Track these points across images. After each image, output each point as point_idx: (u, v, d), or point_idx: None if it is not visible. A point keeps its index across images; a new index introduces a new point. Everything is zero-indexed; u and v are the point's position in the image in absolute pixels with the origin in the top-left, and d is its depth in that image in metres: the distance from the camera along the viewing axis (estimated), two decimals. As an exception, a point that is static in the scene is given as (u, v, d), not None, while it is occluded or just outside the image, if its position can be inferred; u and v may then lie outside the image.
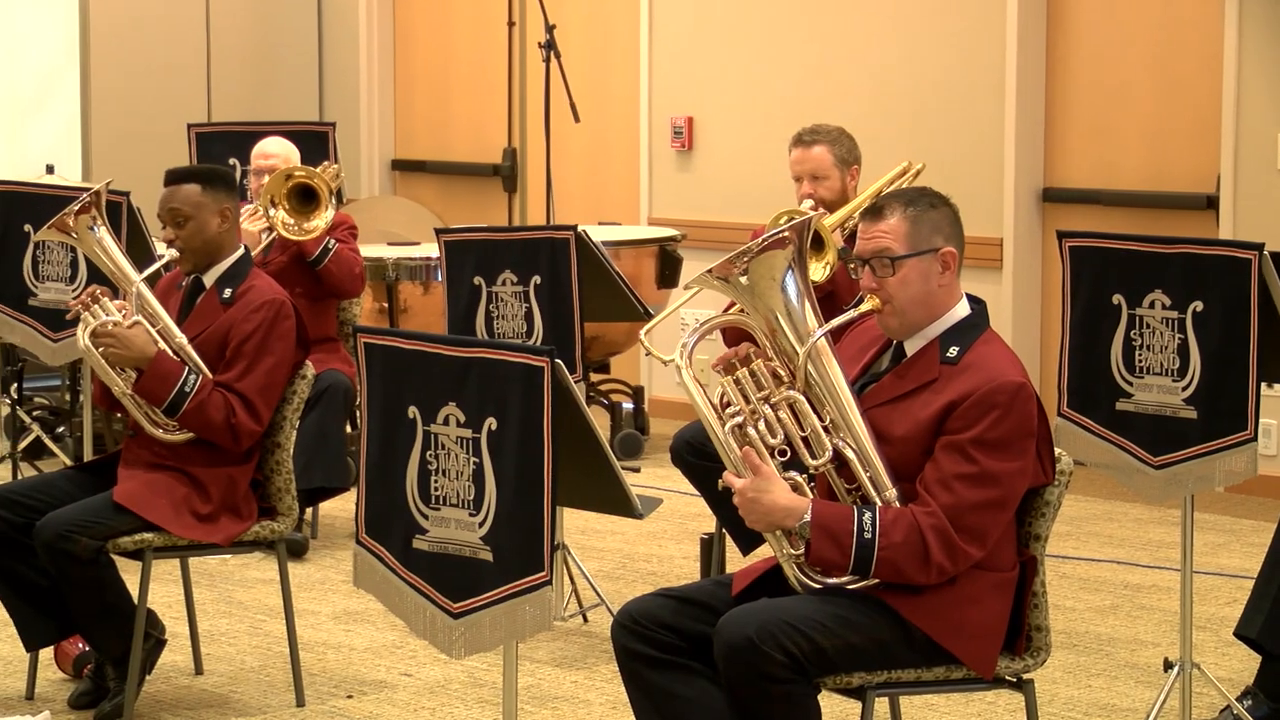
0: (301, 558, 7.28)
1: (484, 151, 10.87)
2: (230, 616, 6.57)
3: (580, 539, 7.45)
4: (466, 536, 4.12)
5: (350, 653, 6.21)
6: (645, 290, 8.59)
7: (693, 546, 7.13)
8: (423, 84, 11.32)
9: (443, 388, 4.14)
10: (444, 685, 5.89)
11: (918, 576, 4.16)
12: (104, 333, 5.52)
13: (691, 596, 4.34)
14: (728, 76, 9.77)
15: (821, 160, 6.37)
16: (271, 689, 5.86)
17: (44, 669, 5.81)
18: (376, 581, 4.34)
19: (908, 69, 9.10)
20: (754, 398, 4.27)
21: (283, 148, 7.71)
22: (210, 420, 5.48)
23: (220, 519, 5.53)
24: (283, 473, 5.65)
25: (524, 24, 9.87)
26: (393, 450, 4.24)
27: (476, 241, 6.54)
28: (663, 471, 8.19)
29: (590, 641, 6.28)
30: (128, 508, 5.42)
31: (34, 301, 7.20)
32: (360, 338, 4.33)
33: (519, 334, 6.35)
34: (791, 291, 4.28)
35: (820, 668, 4.15)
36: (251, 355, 5.55)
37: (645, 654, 4.26)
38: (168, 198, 5.65)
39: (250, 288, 5.65)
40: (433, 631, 4.23)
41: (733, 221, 9.29)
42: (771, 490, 4.19)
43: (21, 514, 5.44)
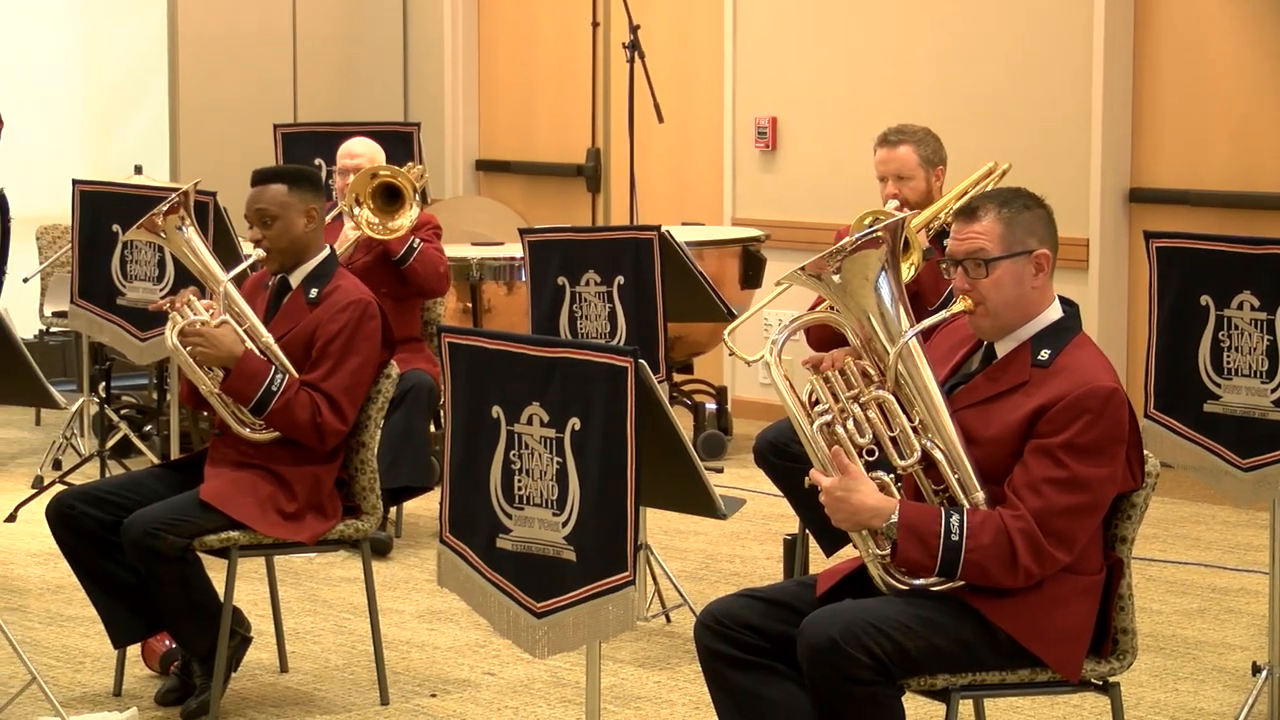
0: (386, 556, 7.30)
1: (568, 152, 10.88)
2: (315, 615, 6.60)
3: (663, 539, 7.45)
4: (550, 536, 4.13)
5: (434, 651, 6.23)
6: (728, 290, 8.58)
7: (776, 547, 7.12)
8: (507, 85, 11.34)
9: (526, 388, 4.15)
10: (527, 685, 5.90)
11: (1004, 579, 4.14)
12: (192, 332, 5.55)
13: (775, 597, 4.33)
14: (812, 76, 9.74)
15: (906, 160, 6.34)
16: (356, 687, 5.88)
17: (131, 666, 5.85)
18: (460, 580, 4.35)
19: (993, 68, 9.05)
20: (843, 396, 4.25)
21: (368, 148, 7.74)
22: (296, 419, 5.51)
23: (305, 517, 5.55)
24: (367, 472, 5.66)
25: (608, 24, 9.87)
26: (476, 450, 4.25)
27: (560, 242, 6.55)
28: (746, 472, 8.18)
29: (673, 642, 6.27)
30: (214, 506, 5.45)
31: (122, 301, 7.25)
32: (444, 338, 4.34)
33: (602, 334, 6.35)
34: (884, 291, 4.26)
35: (904, 669, 4.13)
36: (337, 355, 5.57)
37: (728, 654, 4.26)
38: (254, 198, 5.68)
39: (336, 287, 5.67)
40: (516, 631, 4.24)
41: (816, 222, 9.27)
42: (859, 490, 4.18)
43: (110, 512, 5.48)
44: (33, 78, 10.45)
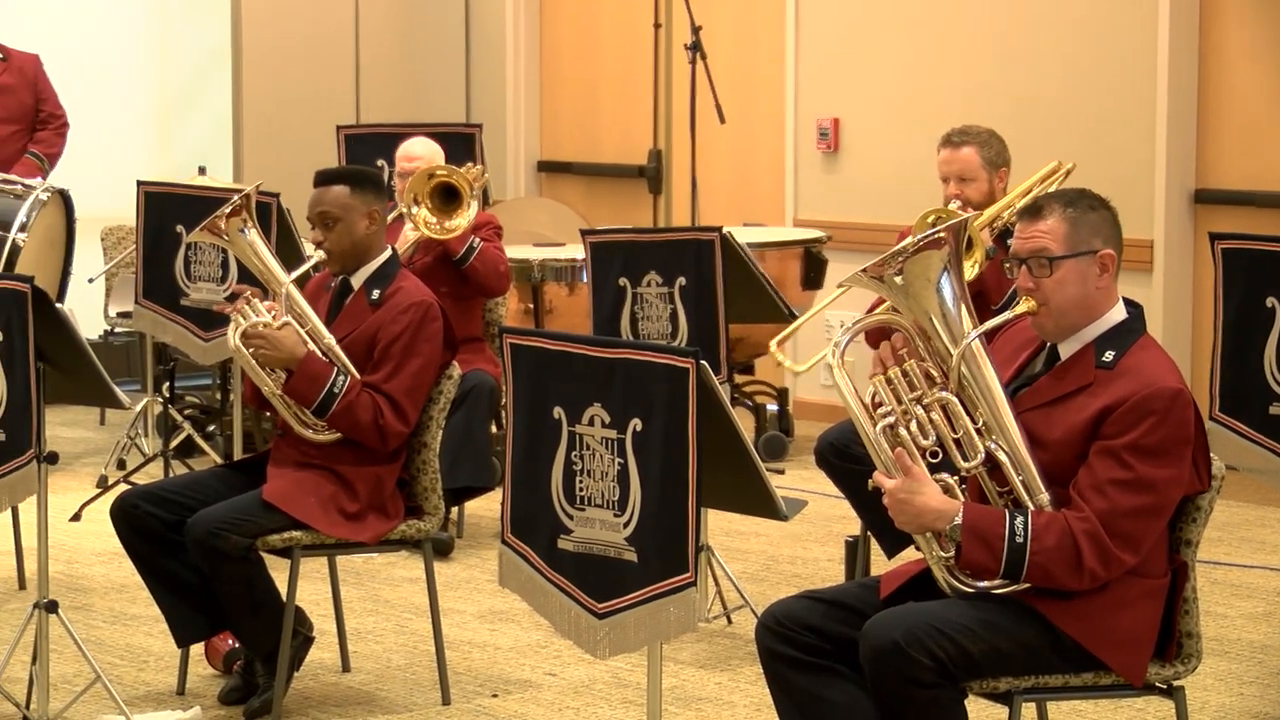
0: (447, 557, 7.31)
1: (629, 153, 10.88)
2: (377, 615, 6.62)
3: (724, 540, 7.44)
4: (611, 537, 4.12)
5: (495, 652, 6.23)
6: (790, 292, 8.56)
7: (837, 549, 7.10)
8: (569, 86, 11.35)
9: (588, 388, 4.15)
10: (588, 685, 5.90)
11: (1069, 582, 4.12)
12: (254, 334, 5.57)
13: (837, 599, 4.32)
14: (874, 77, 9.72)
15: (970, 162, 6.32)
16: (417, 687, 5.89)
17: (195, 665, 5.88)
18: (521, 581, 4.35)
19: (1058, 68, 9.01)
20: (906, 398, 4.24)
21: (427, 149, 7.76)
22: (358, 421, 5.52)
23: (367, 518, 5.57)
24: (429, 472, 5.68)
25: (670, 25, 9.87)
26: (538, 450, 4.25)
27: (622, 243, 6.55)
28: (807, 473, 8.16)
29: (734, 643, 6.27)
30: (277, 506, 5.47)
31: (185, 301, 7.29)
32: (506, 338, 4.35)
33: (664, 335, 6.35)
34: (947, 292, 4.25)
35: (967, 672, 4.12)
36: (399, 356, 5.58)
37: (790, 656, 4.25)
38: (316, 200, 5.69)
39: (398, 289, 5.68)
40: (577, 631, 4.24)
41: (879, 223, 9.24)
42: (923, 492, 4.16)
43: (173, 511, 5.51)
44: (98, 79, 10.51)
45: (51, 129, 9.35)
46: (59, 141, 9.38)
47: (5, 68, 9.26)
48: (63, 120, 9.40)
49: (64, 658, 5.89)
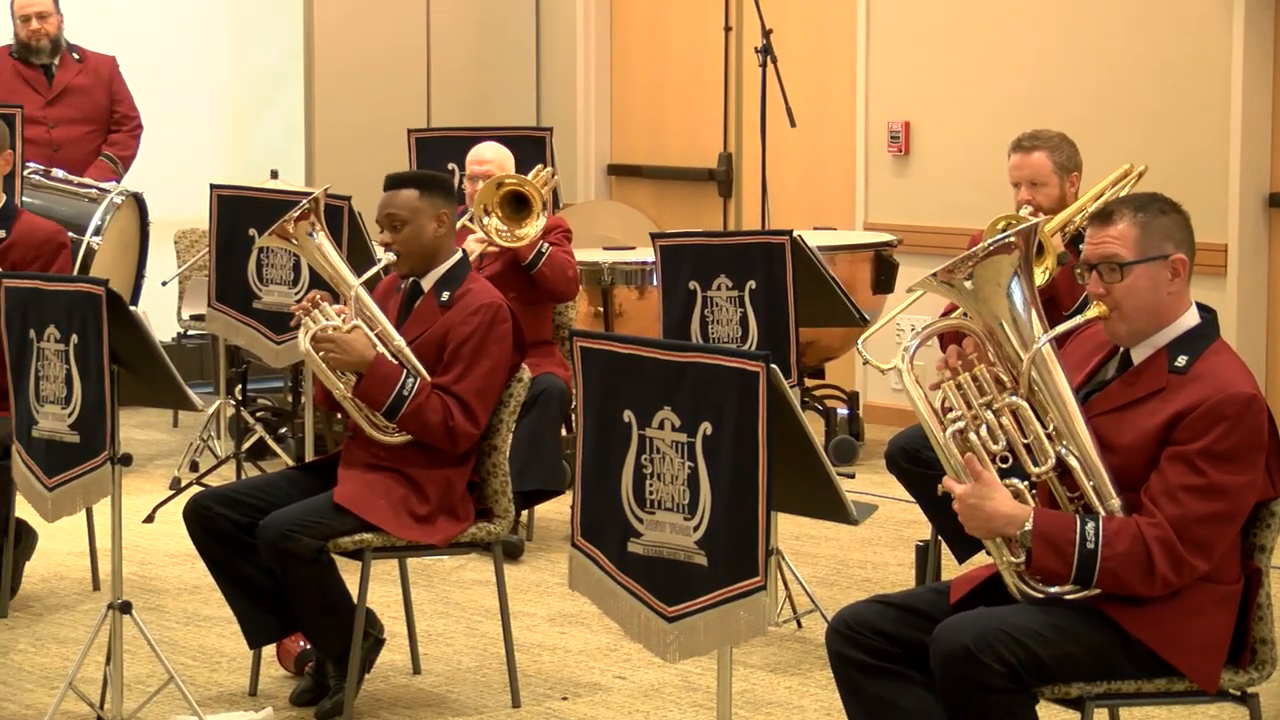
0: (517, 560, 7.32)
1: (700, 156, 10.88)
2: (447, 617, 6.63)
3: (794, 544, 7.43)
4: (681, 540, 4.12)
5: (565, 655, 6.24)
6: (860, 295, 8.54)
7: (908, 553, 7.08)
8: (639, 89, 11.35)
9: (658, 392, 4.15)
10: (658, 689, 5.90)
11: (1141, 588, 4.10)
12: (324, 337, 5.59)
13: (907, 603, 4.31)
14: (946, 81, 9.69)
15: (1040, 166, 6.30)
16: (488, 689, 5.90)
17: (267, 666, 5.91)
18: (591, 584, 4.35)
19: (1130, 71, 8.97)
20: (976, 403, 4.23)
21: (497, 153, 7.77)
22: (428, 423, 5.54)
23: (438, 520, 5.58)
24: (499, 475, 5.69)
25: (740, 29, 9.86)
26: (608, 454, 4.26)
27: (692, 246, 6.54)
28: (877, 478, 8.14)
29: (804, 647, 6.26)
30: (348, 508, 5.49)
31: (258, 304, 7.32)
32: (576, 341, 4.35)
33: (734, 339, 6.34)
34: (1017, 297, 4.23)
35: (1038, 677, 4.10)
36: (469, 358, 5.59)
37: (860, 661, 4.24)
38: (386, 203, 5.71)
39: (468, 291, 5.70)
40: (647, 635, 4.24)
41: (950, 227, 9.21)
42: (993, 497, 4.15)
43: (245, 513, 5.53)
44: (172, 83, 10.58)
45: (126, 131, 9.42)
46: (133, 144, 9.45)
47: (81, 69, 9.33)
48: (137, 122, 9.46)
49: (138, 658, 5.93)
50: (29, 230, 6.83)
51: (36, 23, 9.21)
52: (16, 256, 6.72)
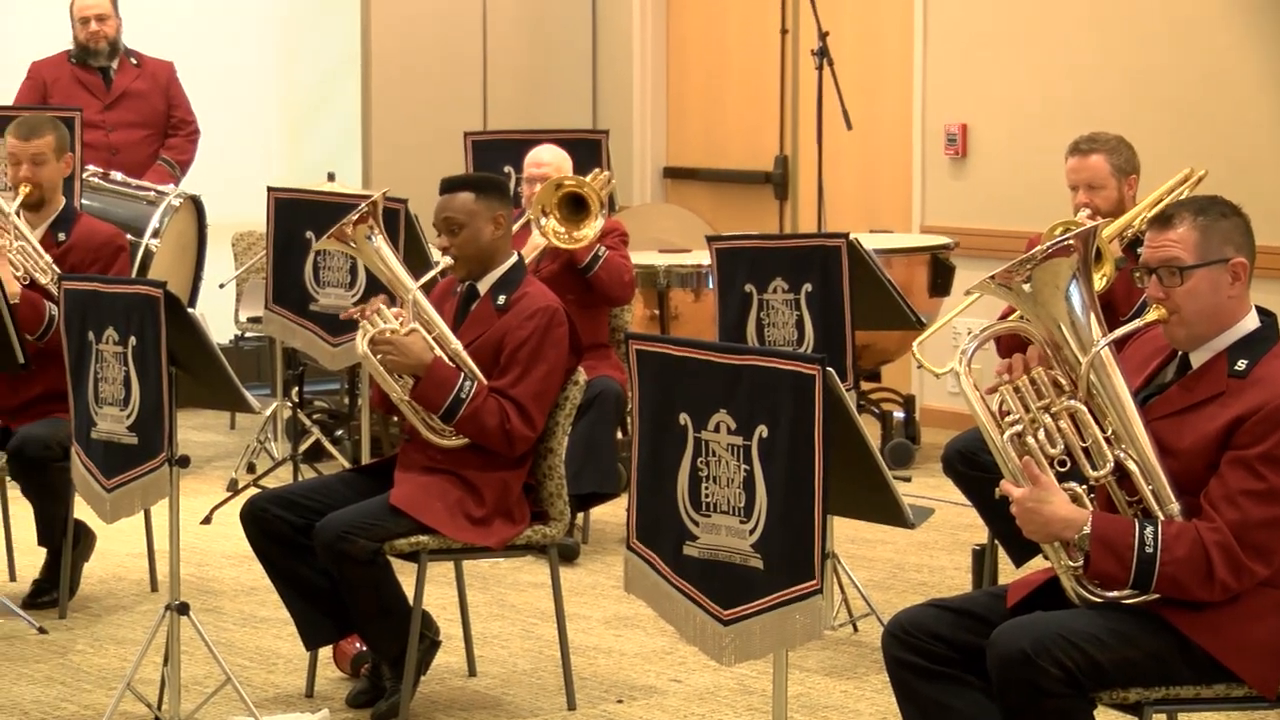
0: (573, 562, 7.33)
1: (756, 159, 10.87)
2: (503, 619, 6.64)
3: (850, 548, 7.42)
4: (737, 544, 4.12)
5: (620, 657, 6.24)
6: (917, 298, 8.52)
7: (964, 557, 7.06)
8: (695, 92, 11.35)
9: (714, 395, 4.14)
10: (713, 692, 5.89)
11: (1200, 593, 4.07)
12: (382, 340, 5.61)
13: (964, 607, 4.30)
14: (1003, 83, 9.65)
15: (1098, 169, 6.27)
16: (543, 692, 5.90)
17: (323, 668, 5.92)
18: (647, 587, 4.36)
19: (1189, 73, 8.92)
20: (1034, 406, 4.21)
21: (554, 156, 7.77)
22: (485, 426, 5.55)
23: (494, 523, 5.59)
24: (555, 478, 5.69)
25: (797, 31, 9.86)
26: (664, 456, 4.26)
27: (748, 249, 6.54)
28: (934, 481, 8.12)
29: (860, 651, 6.24)
30: (404, 511, 5.50)
31: (314, 307, 7.34)
32: (632, 344, 4.35)
33: (790, 341, 6.33)
34: (1075, 300, 4.21)
35: (1096, 682, 4.08)
36: (525, 362, 5.60)
37: (916, 664, 4.23)
38: (442, 206, 5.72)
39: (524, 294, 5.70)
40: (703, 638, 4.24)
41: (1007, 229, 9.17)
42: (1051, 501, 4.13)
43: (302, 515, 5.55)
44: (229, 86, 10.62)
45: (183, 135, 9.47)
46: (190, 148, 9.49)
47: (139, 74, 9.38)
48: (194, 127, 9.51)
49: (195, 659, 5.95)
50: (88, 233, 6.87)
51: (95, 24, 9.26)
52: (76, 259, 6.76)
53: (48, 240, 6.80)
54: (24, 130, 6.83)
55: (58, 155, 6.85)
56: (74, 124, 7.78)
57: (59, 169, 6.88)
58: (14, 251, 6.65)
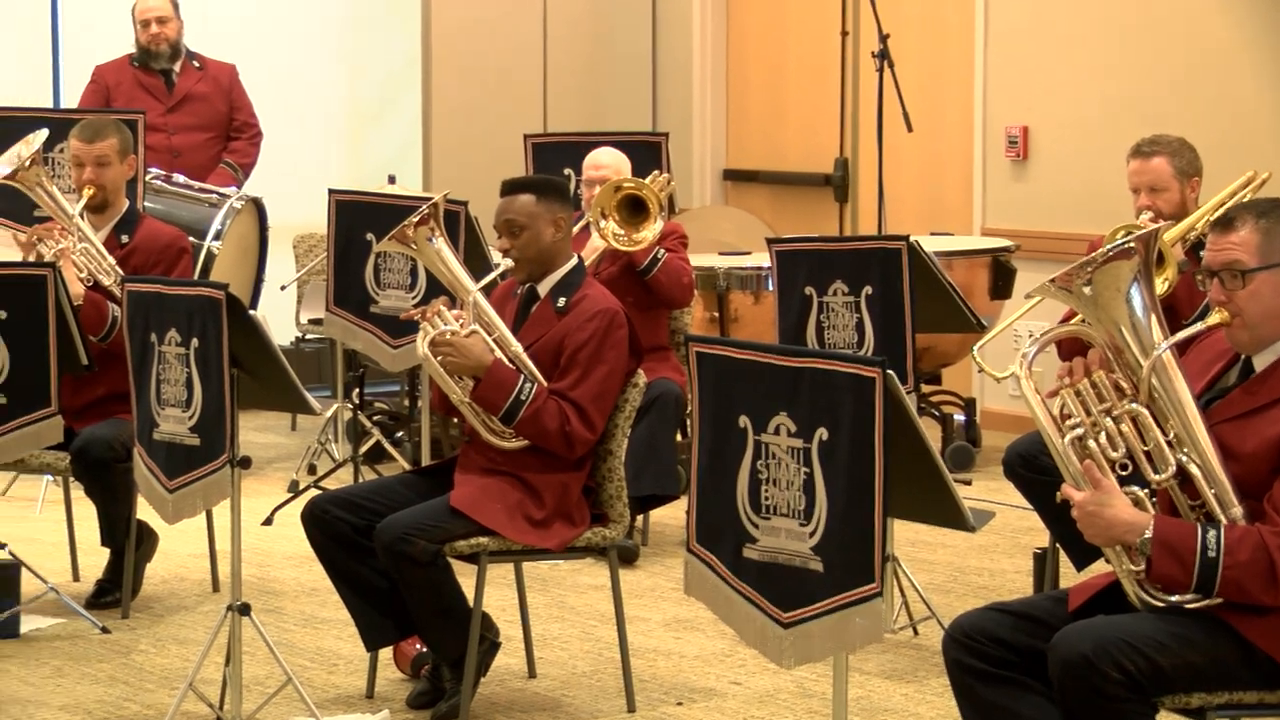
0: (632, 564, 7.33)
1: (816, 161, 10.85)
2: (562, 621, 6.65)
3: (910, 551, 7.40)
4: (797, 546, 4.11)
5: (680, 660, 6.24)
6: (978, 301, 8.50)
7: (1025, 560, 7.04)
8: (755, 94, 11.34)
9: (774, 397, 4.14)
10: (773, 695, 5.89)
11: (1263, 597, 4.05)
12: (442, 342, 5.62)
13: (1025, 611, 4.28)
14: (1065, 84, 9.62)
15: (1160, 172, 6.24)
16: (603, 694, 5.91)
17: (383, 668, 5.94)
18: (707, 589, 4.35)
19: (1251, 75, 8.87)
20: (1095, 410, 4.19)
21: (614, 158, 7.78)
22: (545, 428, 5.55)
23: (553, 525, 5.59)
24: (615, 480, 5.69)
25: (857, 33, 9.84)
26: (723, 459, 4.25)
27: (808, 251, 6.53)
28: (995, 484, 8.09)
29: (920, 654, 6.23)
30: (464, 512, 5.51)
31: (375, 309, 7.37)
32: (691, 347, 4.35)
33: (850, 344, 6.32)
34: (1137, 303, 4.20)
35: (1158, 687, 4.06)
36: (585, 364, 5.60)
37: (977, 668, 4.21)
38: (503, 208, 5.73)
39: (584, 296, 5.71)
40: (762, 640, 4.23)
41: (1069, 232, 9.14)
42: (1112, 505, 4.12)
43: (362, 516, 5.57)
44: (291, 90, 10.67)
45: (245, 138, 9.51)
46: (253, 151, 9.53)
47: (201, 77, 9.42)
48: (256, 130, 9.55)
49: (256, 660, 5.98)
50: (151, 235, 6.91)
51: (156, 27, 9.31)
52: (139, 261, 6.80)
53: (111, 242, 6.84)
54: (88, 133, 6.87)
55: (121, 157, 6.89)
56: (137, 126, 7.82)
57: (122, 171, 6.92)
58: (78, 253, 6.69)
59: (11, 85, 9.66)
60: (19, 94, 9.41)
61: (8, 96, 8.86)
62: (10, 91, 9.29)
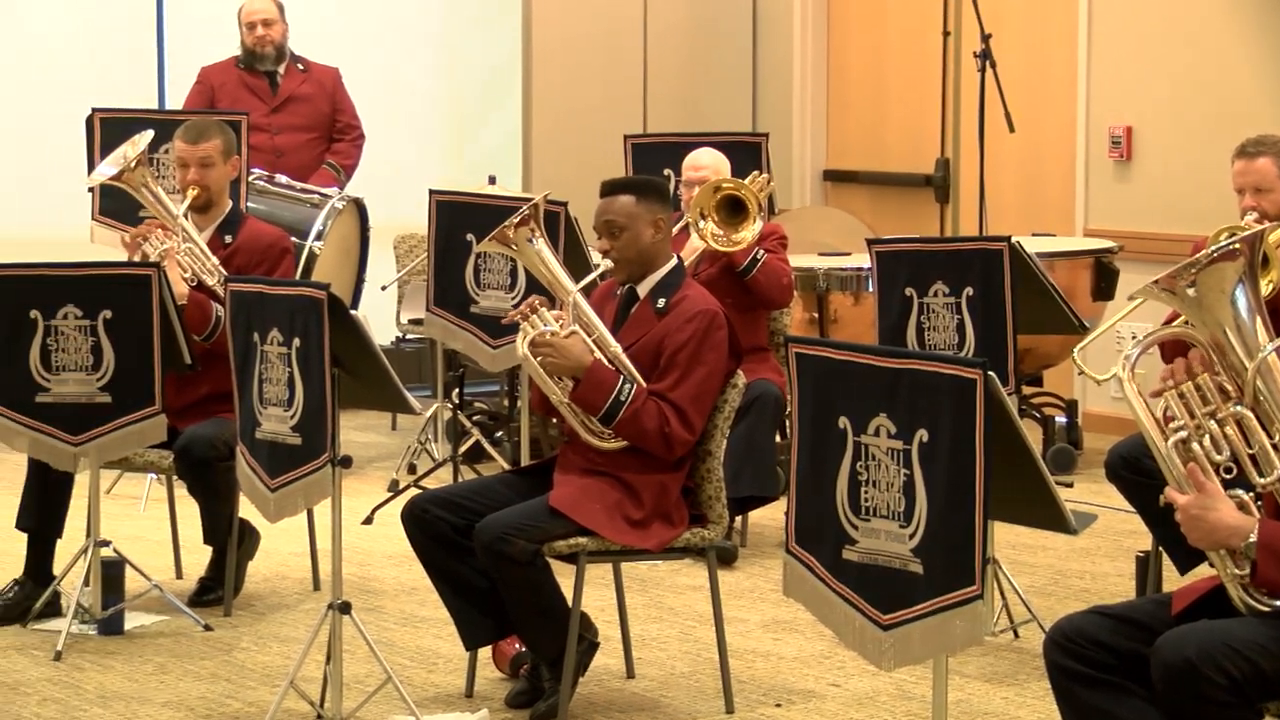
0: (731, 565, 7.32)
1: (916, 161, 10.81)
2: (661, 622, 6.65)
3: (1011, 554, 7.36)
4: (896, 548, 4.10)
5: (779, 661, 6.23)
6: (1080, 303, 8.43)
7: (1128, 564, 6.98)
8: (856, 95, 11.31)
9: (873, 399, 4.13)
10: (872, 697, 5.86)
11: (1369, 603, 4.01)
12: (542, 342, 5.63)
13: (1127, 614, 4.24)
14: (1169, 84, 9.54)
15: (1265, 172, 6.17)
16: (701, 695, 5.90)
17: (482, 668, 5.96)
18: (806, 591, 4.35)
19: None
20: (1199, 412, 4.16)
21: (713, 159, 7.77)
22: (644, 429, 5.55)
23: (652, 525, 5.59)
24: (713, 480, 5.69)
25: (959, 33, 9.79)
26: (823, 460, 4.24)
27: (908, 252, 6.50)
28: (1096, 487, 8.04)
29: (1021, 658, 6.19)
30: (563, 512, 5.51)
31: (475, 309, 7.39)
32: (791, 348, 4.35)
33: (950, 345, 6.29)
34: (1241, 305, 4.15)
35: (1263, 692, 4.02)
36: (685, 365, 5.60)
37: (1079, 672, 4.18)
38: (603, 209, 5.74)
39: (684, 297, 5.70)
40: (862, 642, 4.22)
41: (1172, 233, 9.07)
42: (1216, 508, 4.08)
43: (462, 516, 5.59)
44: (392, 91, 10.73)
45: (348, 140, 9.57)
46: (355, 153, 9.58)
47: (305, 79, 9.49)
48: (359, 132, 9.60)
49: (356, 658, 6.01)
50: (254, 235, 6.96)
51: (262, 29, 9.38)
52: (241, 261, 6.85)
53: (214, 242, 6.89)
54: (191, 134, 6.93)
55: (224, 158, 6.94)
56: (240, 127, 7.88)
57: (225, 172, 6.97)
58: (182, 253, 6.75)
59: (118, 87, 9.75)
60: (125, 96, 9.50)
61: (114, 98, 8.94)
62: (117, 93, 9.38)
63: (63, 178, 8.96)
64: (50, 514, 6.63)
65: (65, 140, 8.75)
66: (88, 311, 6.33)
